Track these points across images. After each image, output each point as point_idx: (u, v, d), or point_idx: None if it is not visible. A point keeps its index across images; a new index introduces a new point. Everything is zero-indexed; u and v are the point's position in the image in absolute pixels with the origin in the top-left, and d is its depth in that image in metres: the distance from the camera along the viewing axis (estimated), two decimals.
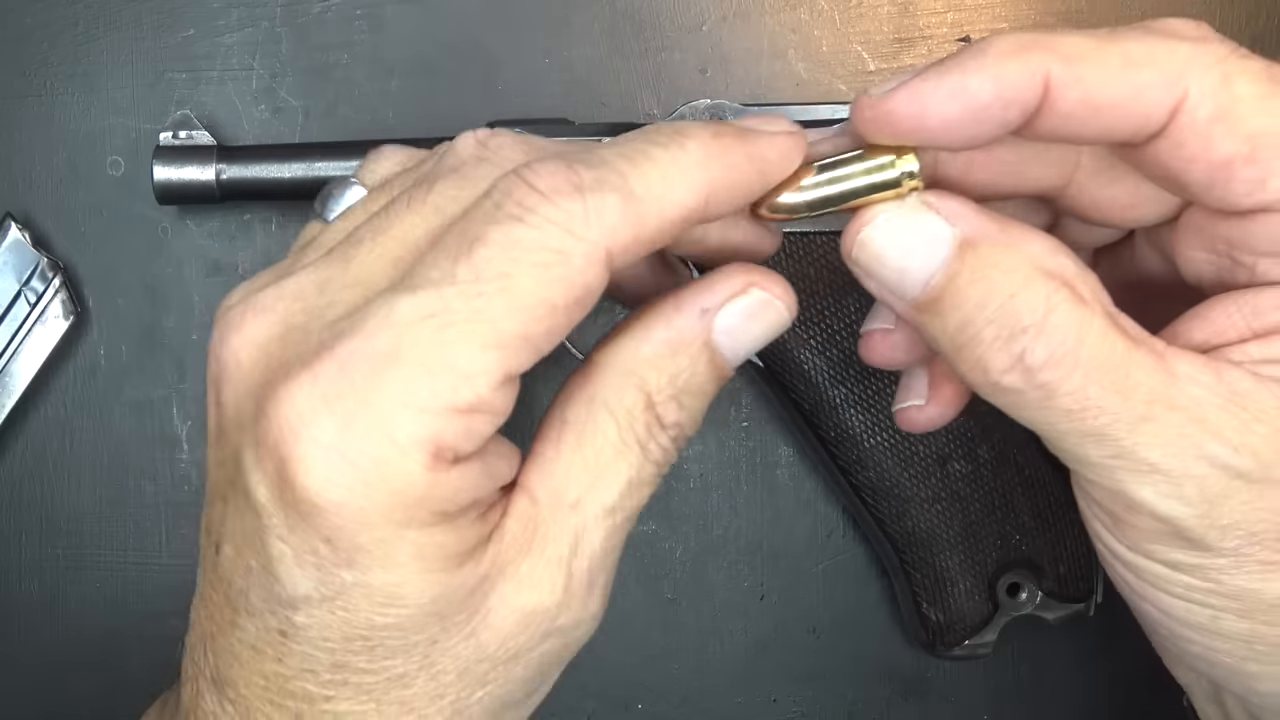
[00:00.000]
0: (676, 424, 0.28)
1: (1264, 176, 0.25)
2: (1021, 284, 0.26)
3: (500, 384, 0.25)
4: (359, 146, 0.42)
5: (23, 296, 0.44)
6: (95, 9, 0.46)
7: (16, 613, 0.46)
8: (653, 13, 0.46)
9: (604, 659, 0.47)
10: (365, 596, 0.26)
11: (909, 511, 0.43)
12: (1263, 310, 0.26)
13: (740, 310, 0.28)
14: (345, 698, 0.27)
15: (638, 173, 0.26)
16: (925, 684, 0.48)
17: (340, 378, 0.25)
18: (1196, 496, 0.26)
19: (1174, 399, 0.26)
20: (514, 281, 0.25)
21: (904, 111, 0.26)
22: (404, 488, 0.25)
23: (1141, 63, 0.25)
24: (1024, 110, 0.26)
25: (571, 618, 0.28)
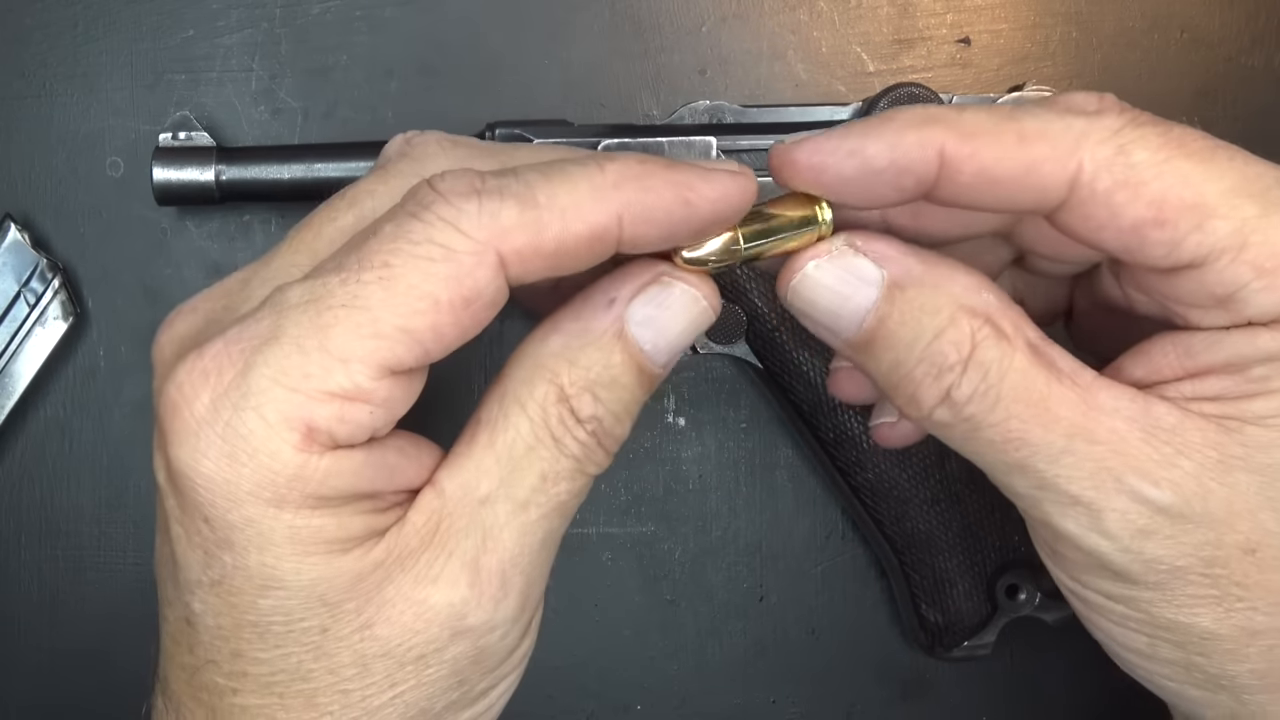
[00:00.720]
0: (594, 417, 0.28)
1: (1176, 238, 0.25)
2: (946, 323, 0.27)
3: (379, 375, 0.25)
4: (358, 148, 0.42)
5: (22, 297, 0.44)
6: (95, 10, 0.46)
7: (16, 613, 0.46)
8: (652, 14, 0.46)
9: (603, 660, 0.47)
10: (245, 579, 0.26)
11: (908, 513, 0.43)
12: (1195, 351, 0.27)
13: (652, 300, 0.28)
14: (249, 690, 0.27)
15: (546, 185, 0.26)
16: (924, 685, 0.48)
17: (222, 355, 0.25)
18: (1118, 530, 0.27)
19: (1095, 432, 0.26)
20: (395, 272, 0.25)
21: (805, 163, 0.27)
22: (271, 465, 0.25)
23: (1034, 138, 0.26)
24: (920, 180, 0.26)
25: (482, 618, 0.27)
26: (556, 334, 0.28)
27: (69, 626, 0.46)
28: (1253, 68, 0.47)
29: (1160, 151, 0.25)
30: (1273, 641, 0.27)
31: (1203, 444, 0.26)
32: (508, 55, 0.46)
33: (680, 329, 0.28)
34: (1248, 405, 0.26)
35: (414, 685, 0.27)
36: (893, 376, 0.28)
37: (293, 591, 0.26)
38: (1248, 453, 0.26)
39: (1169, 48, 0.47)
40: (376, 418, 0.26)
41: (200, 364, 0.26)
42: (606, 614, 0.47)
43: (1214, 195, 0.25)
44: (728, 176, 0.27)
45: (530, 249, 0.26)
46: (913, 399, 0.28)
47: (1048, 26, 0.47)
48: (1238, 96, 0.47)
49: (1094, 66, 0.47)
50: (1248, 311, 0.26)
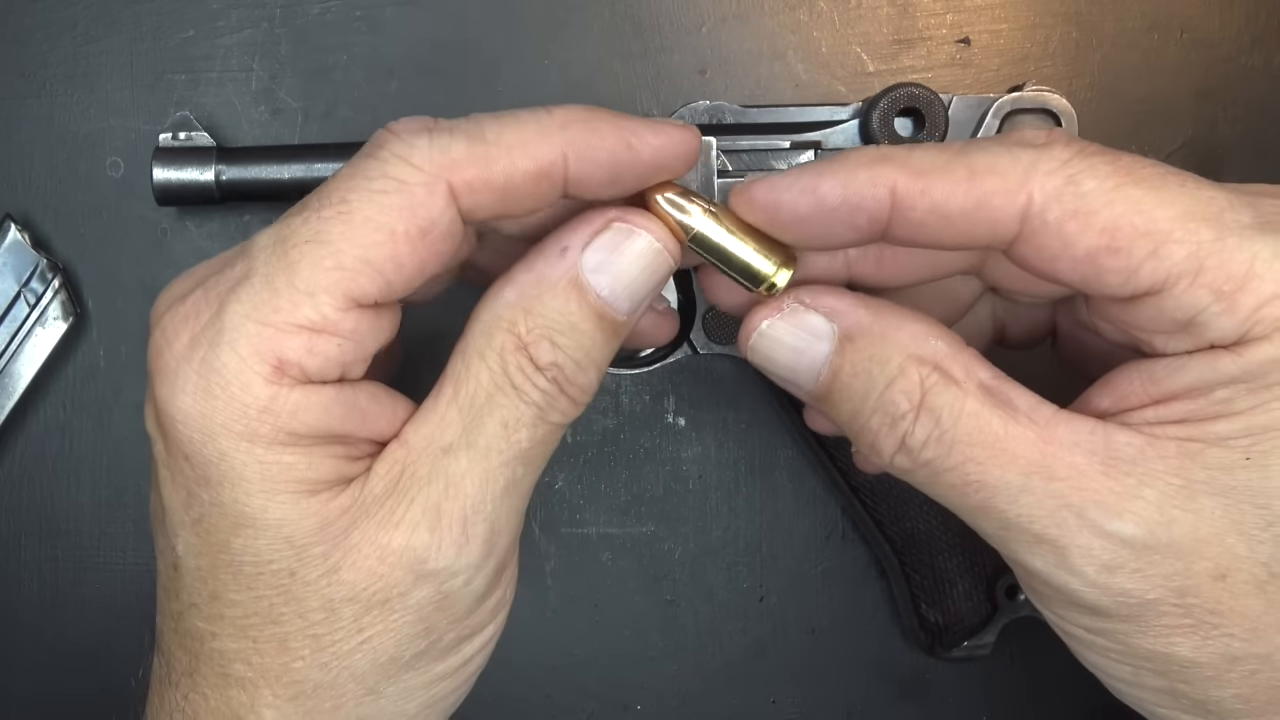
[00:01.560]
0: (553, 364, 0.28)
1: (1131, 265, 0.25)
2: (896, 372, 0.28)
3: (344, 306, 0.27)
4: (358, 148, 0.42)
5: (22, 297, 0.44)
6: (95, 10, 0.46)
7: (17, 612, 0.47)
8: (652, 14, 0.46)
9: (604, 660, 0.47)
10: (220, 516, 0.27)
11: (908, 513, 0.43)
12: (1159, 377, 0.27)
13: (605, 245, 0.29)
14: (225, 634, 0.28)
15: (495, 124, 0.27)
16: (924, 685, 0.48)
17: (200, 300, 0.27)
18: (1083, 566, 0.27)
19: (1053, 469, 0.27)
20: (352, 207, 0.26)
21: (761, 201, 0.28)
22: (243, 397, 0.26)
23: (984, 172, 0.26)
24: (873, 218, 0.27)
25: (444, 562, 0.28)
26: (511, 286, 0.29)
27: (69, 626, 0.46)
28: (1253, 68, 0.47)
29: (1109, 179, 0.26)
30: (1254, 667, 0.27)
31: (1165, 471, 0.26)
32: (508, 55, 0.46)
33: (636, 272, 0.29)
34: (1210, 427, 0.26)
35: (381, 630, 0.28)
36: (853, 425, 0.29)
37: (260, 530, 0.27)
38: (1211, 475, 0.26)
39: (1169, 48, 0.47)
40: (345, 351, 0.27)
41: (182, 309, 0.27)
42: (606, 614, 0.47)
43: (1167, 220, 0.25)
44: (672, 128, 0.28)
45: (480, 181, 0.27)
46: (873, 446, 0.29)
47: (1048, 26, 0.47)
48: (1238, 96, 0.47)
49: (1094, 66, 0.47)
50: (1209, 335, 0.26)
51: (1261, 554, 0.26)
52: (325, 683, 0.28)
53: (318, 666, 0.28)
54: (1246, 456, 0.25)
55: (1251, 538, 0.26)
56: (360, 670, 0.28)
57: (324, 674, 0.28)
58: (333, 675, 0.28)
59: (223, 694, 0.29)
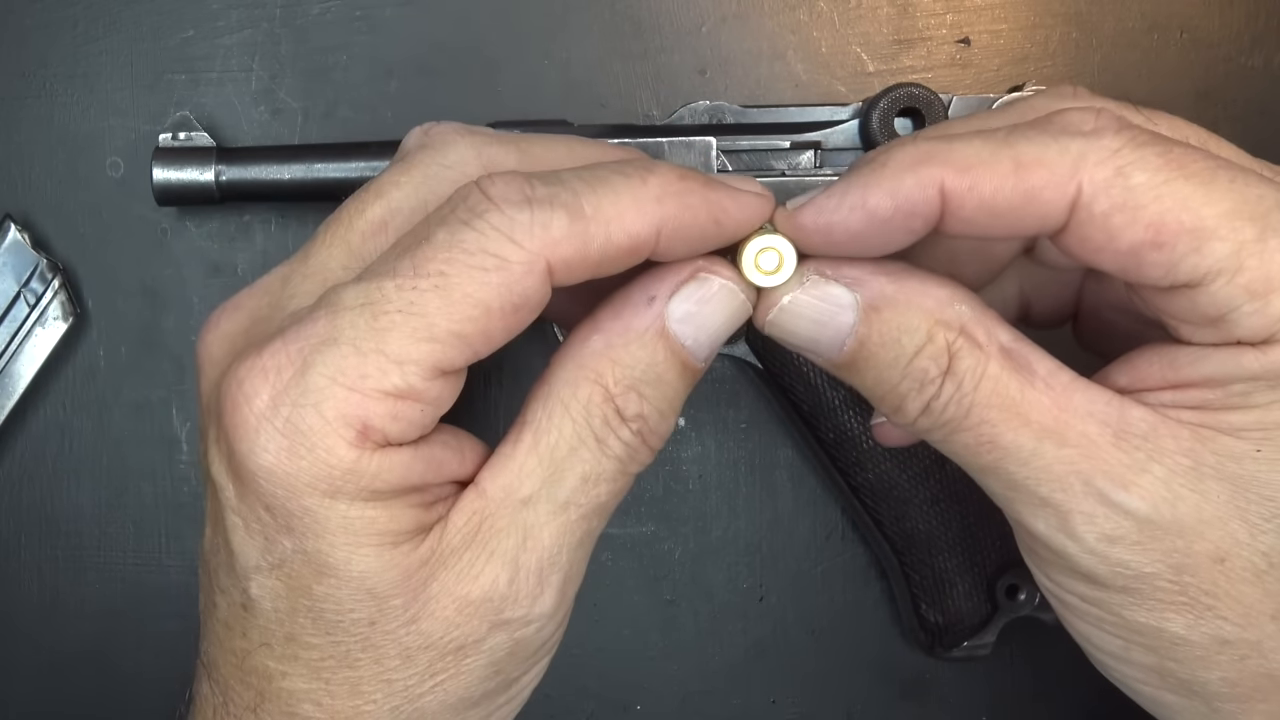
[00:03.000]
0: (639, 416, 0.28)
1: (1173, 260, 0.25)
2: (924, 340, 0.28)
3: (431, 376, 0.26)
4: (358, 148, 0.42)
5: (22, 298, 0.44)
6: (95, 10, 0.46)
7: (16, 613, 0.47)
8: (652, 14, 0.46)
9: (603, 660, 0.47)
10: (304, 563, 0.27)
11: (908, 513, 0.43)
12: (1180, 365, 0.27)
13: (692, 296, 0.28)
14: (297, 674, 0.28)
15: (592, 195, 0.27)
16: (924, 685, 0.48)
17: (281, 353, 0.26)
18: (1085, 533, 0.27)
19: (1066, 435, 0.27)
20: (450, 280, 0.26)
21: (811, 226, 0.28)
22: (328, 460, 0.26)
23: (1032, 165, 0.26)
24: (926, 219, 0.27)
25: (520, 612, 0.28)
26: (598, 334, 0.28)
27: (69, 627, 0.46)
28: (1253, 68, 0.47)
29: (1159, 173, 0.25)
30: (1244, 652, 0.27)
31: (1176, 450, 0.26)
32: (508, 55, 0.46)
33: (720, 323, 0.29)
34: (1225, 416, 0.26)
35: (453, 675, 0.28)
36: (878, 390, 0.29)
37: (344, 580, 0.27)
38: (1220, 461, 0.26)
39: (1169, 48, 0.47)
40: (427, 414, 0.27)
41: (260, 362, 0.26)
42: (606, 614, 0.47)
43: (1212, 218, 0.25)
44: (754, 200, 0.28)
45: (577, 258, 0.26)
46: (898, 409, 0.29)
47: (1048, 26, 0.47)
48: (1238, 96, 0.47)
49: (1094, 66, 0.47)
50: (1237, 332, 0.26)
51: (1263, 544, 0.26)
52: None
53: (388, 710, 0.28)
54: (1258, 449, 0.26)
55: (1255, 526, 0.26)
56: (429, 712, 0.28)
57: (393, 717, 0.28)
58: (403, 718, 0.28)
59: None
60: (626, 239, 0.27)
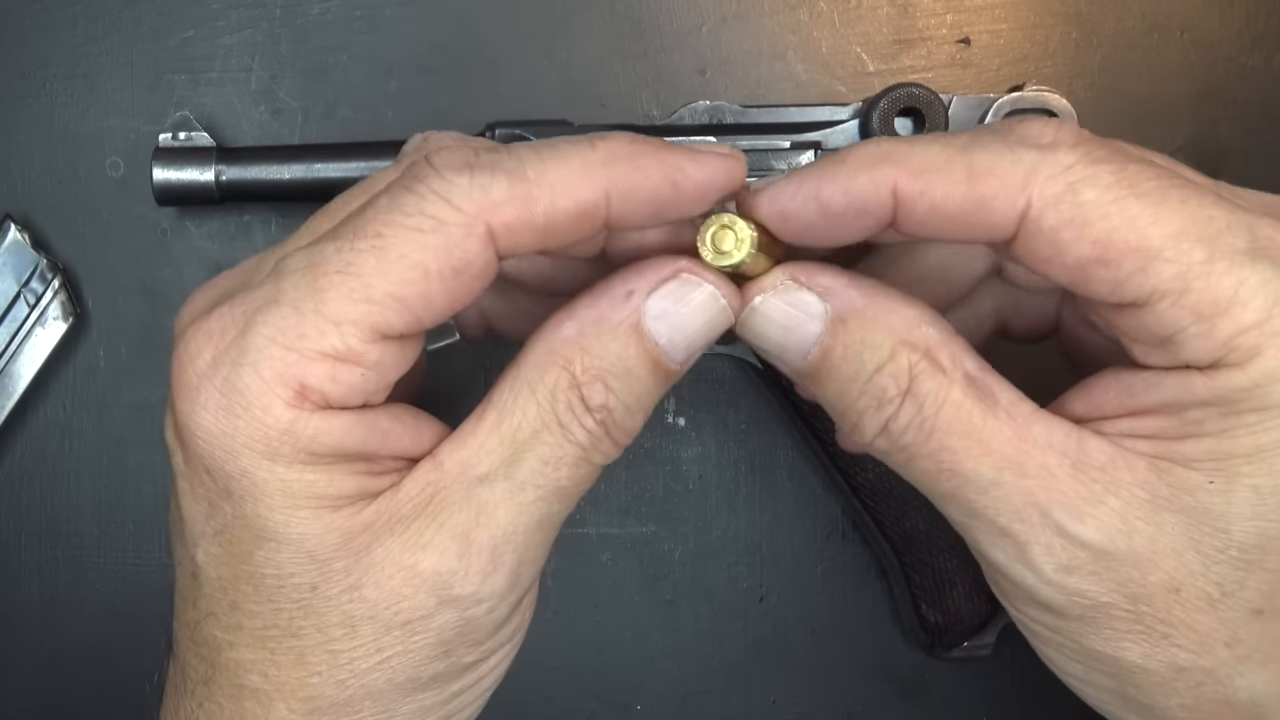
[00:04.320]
0: (603, 406, 0.28)
1: (1119, 278, 0.25)
2: (886, 357, 0.28)
3: (370, 338, 0.26)
4: (358, 148, 0.42)
5: (22, 298, 0.44)
6: (94, 10, 0.46)
7: (16, 613, 0.47)
8: (652, 14, 0.46)
9: (604, 660, 0.47)
10: (244, 528, 0.27)
11: (908, 513, 0.43)
12: (1136, 391, 0.27)
13: (670, 294, 0.28)
14: (243, 644, 0.28)
15: (537, 161, 0.27)
16: (924, 685, 0.48)
17: (226, 316, 0.27)
18: (1042, 563, 0.27)
19: (1025, 466, 0.27)
20: (387, 242, 0.26)
21: (766, 211, 0.28)
22: (264, 419, 0.26)
23: (984, 175, 0.26)
24: (878, 217, 0.27)
25: (469, 589, 0.28)
26: (572, 320, 0.28)
27: (69, 626, 0.46)
28: (1253, 68, 0.47)
29: (1110, 191, 0.25)
30: (1200, 679, 0.27)
31: (1132, 482, 0.26)
32: (508, 55, 0.46)
33: (697, 326, 0.29)
34: (1180, 447, 0.26)
35: (400, 652, 0.28)
36: (838, 404, 0.29)
37: (283, 544, 0.27)
38: (1175, 494, 0.26)
39: (1169, 48, 0.47)
40: (368, 380, 0.27)
41: (205, 324, 0.27)
42: (606, 614, 0.47)
43: (1160, 238, 0.25)
44: (717, 159, 0.28)
45: (519, 222, 0.26)
46: (856, 427, 0.29)
47: (1048, 26, 0.47)
48: (1238, 96, 0.47)
49: (1094, 66, 0.47)
50: (1184, 354, 0.26)
51: (1215, 574, 0.26)
52: (341, 700, 0.28)
53: (334, 684, 0.28)
54: (1210, 480, 0.26)
55: (1208, 557, 0.26)
56: (377, 689, 0.28)
57: (340, 691, 0.28)
58: (349, 693, 0.28)
59: (238, 705, 0.28)
60: (572, 203, 0.27)
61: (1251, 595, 0.26)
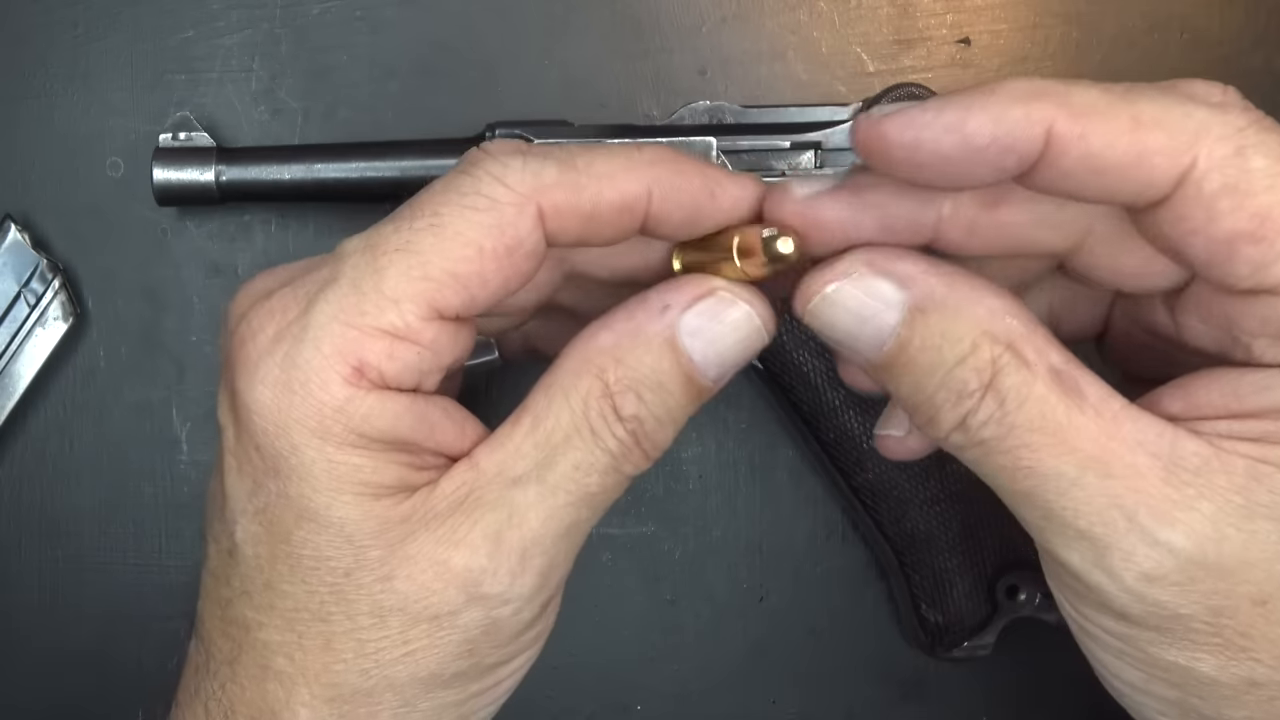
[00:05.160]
0: (634, 416, 0.28)
1: (1269, 258, 0.24)
2: (968, 350, 0.26)
3: (428, 316, 0.27)
4: (359, 148, 0.42)
5: (22, 298, 0.44)
6: (95, 10, 0.46)
7: (16, 613, 0.46)
8: (652, 14, 0.46)
9: (603, 660, 0.47)
10: (285, 507, 0.27)
11: (908, 513, 0.43)
12: (1244, 393, 0.26)
13: (706, 311, 0.28)
14: (273, 625, 0.28)
15: (586, 154, 0.28)
16: (924, 685, 0.48)
17: (289, 296, 0.28)
18: (1122, 570, 0.26)
19: (1111, 466, 0.25)
20: (444, 220, 0.27)
21: (897, 139, 0.25)
22: (321, 395, 0.27)
23: (1151, 125, 0.24)
24: (1022, 159, 0.25)
25: (498, 588, 0.28)
26: (607, 331, 0.29)
27: (69, 627, 0.46)
28: (1253, 68, 0.47)
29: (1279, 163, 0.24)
30: (1273, 693, 0.26)
31: (1228, 487, 0.25)
32: (508, 55, 0.46)
33: (731, 343, 0.29)
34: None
35: (426, 646, 0.28)
36: (914, 399, 0.28)
37: (323, 525, 0.27)
38: (1275, 500, 0.25)
39: (1169, 48, 0.47)
40: (424, 359, 0.27)
41: (269, 304, 0.28)
42: (606, 614, 0.47)
43: None
44: (750, 181, 0.29)
45: (568, 206, 0.27)
46: (931, 421, 0.27)
47: (1048, 26, 0.47)
48: None
49: (1094, 66, 0.47)
50: None
51: None
52: (364, 689, 0.28)
53: (358, 672, 0.28)
54: None
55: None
56: (399, 682, 0.28)
57: (363, 680, 0.28)
58: (372, 683, 0.28)
59: (260, 686, 0.29)
60: (618, 195, 0.27)
61: None
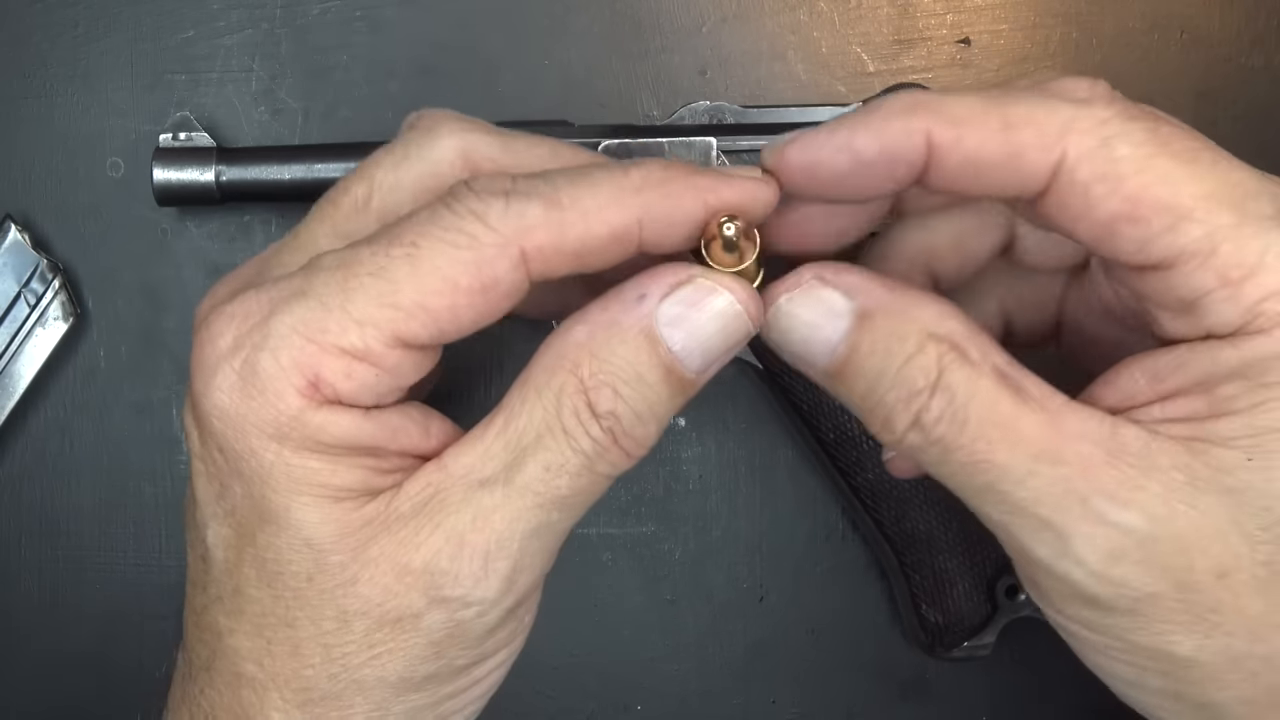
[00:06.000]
0: (611, 413, 0.28)
1: (1148, 236, 0.25)
2: (914, 350, 0.27)
3: (391, 343, 0.27)
4: (359, 148, 0.42)
5: (22, 298, 0.44)
6: (95, 10, 0.46)
7: (16, 613, 0.47)
8: (652, 14, 0.46)
9: (604, 660, 0.47)
10: (250, 509, 0.28)
11: (908, 513, 0.43)
12: (1163, 373, 0.27)
13: (685, 299, 0.28)
14: (242, 630, 0.28)
15: (571, 187, 0.27)
16: (924, 685, 0.48)
17: (251, 301, 0.28)
18: (1086, 553, 0.26)
19: (1061, 454, 0.26)
20: (421, 252, 0.27)
21: (798, 163, 0.28)
22: (276, 403, 0.27)
23: (1020, 124, 0.26)
24: (911, 167, 0.27)
25: (460, 591, 0.28)
26: (582, 325, 0.28)
27: (69, 627, 0.46)
28: (1253, 68, 0.47)
29: (1144, 148, 0.25)
30: (1255, 668, 0.26)
31: (1170, 466, 0.26)
32: (508, 55, 0.46)
33: (712, 331, 0.28)
34: (1214, 426, 0.26)
35: (392, 649, 0.28)
36: (867, 402, 0.29)
37: (282, 528, 0.27)
38: (1214, 475, 0.26)
39: (1169, 48, 0.47)
40: (382, 382, 0.27)
41: (230, 309, 0.28)
42: (606, 614, 0.47)
43: (1190, 198, 0.25)
44: (749, 182, 0.28)
45: (552, 247, 0.27)
46: (886, 423, 0.28)
47: (1048, 27, 0.47)
48: (1238, 96, 0.47)
49: (1094, 66, 0.47)
50: (1208, 320, 0.25)
51: (1261, 554, 0.26)
52: (333, 693, 0.28)
53: (327, 676, 0.28)
54: (1248, 457, 0.25)
55: (1252, 537, 0.26)
56: (368, 685, 0.28)
57: (332, 684, 0.28)
58: (341, 687, 0.28)
59: (235, 693, 0.29)
60: (605, 229, 0.27)
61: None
